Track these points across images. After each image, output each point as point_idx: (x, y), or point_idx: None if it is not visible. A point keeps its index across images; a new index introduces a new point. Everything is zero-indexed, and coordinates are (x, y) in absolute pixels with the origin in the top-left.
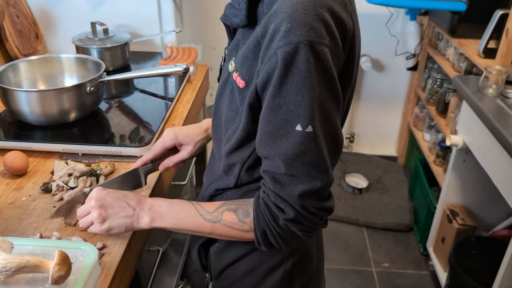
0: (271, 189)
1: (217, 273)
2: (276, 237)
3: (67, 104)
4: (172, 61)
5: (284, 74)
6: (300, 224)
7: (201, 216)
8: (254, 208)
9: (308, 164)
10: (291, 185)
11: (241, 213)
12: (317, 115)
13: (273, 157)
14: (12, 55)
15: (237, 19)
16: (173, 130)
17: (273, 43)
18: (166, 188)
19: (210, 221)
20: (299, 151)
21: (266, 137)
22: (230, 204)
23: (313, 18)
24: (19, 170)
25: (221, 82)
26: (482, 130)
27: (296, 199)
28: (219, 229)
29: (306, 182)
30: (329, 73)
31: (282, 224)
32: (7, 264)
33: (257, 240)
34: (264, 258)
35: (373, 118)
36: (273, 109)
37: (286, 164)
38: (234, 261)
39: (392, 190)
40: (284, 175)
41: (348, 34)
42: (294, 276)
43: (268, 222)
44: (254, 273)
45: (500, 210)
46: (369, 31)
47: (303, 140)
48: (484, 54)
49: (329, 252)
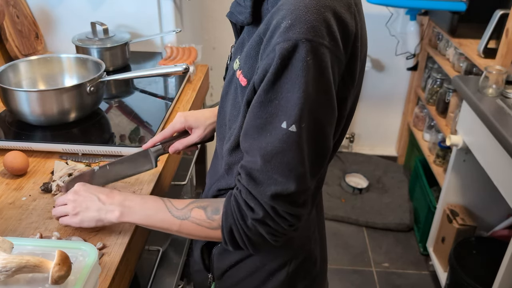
0: (245, 186)
1: (219, 273)
2: (243, 237)
3: (67, 104)
4: (172, 61)
5: (280, 69)
6: (268, 226)
7: (169, 212)
8: (224, 205)
9: (285, 165)
10: (265, 184)
11: (210, 210)
12: (305, 116)
13: (254, 151)
14: (12, 55)
15: (242, 17)
16: (184, 114)
17: (273, 39)
18: (166, 188)
19: (179, 217)
20: (279, 148)
21: (252, 130)
22: (201, 202)
23: (315, 17)
24: (19, 170)
25: (226, 80)
26: (482, 130)
27: (267, 199)
28: (186, 226)
29: (280, 183)
30: (325, 75)
31: (250, 223)
32: (7, 264)
33: (224, 238)
34: (266, 260)
35: (373, 118)
36: (264, 103)
37: (264, 160)
38: (236, 262)
39: (392, 190)
40: (260, 172)
41: (350, 36)
42: (297, 278)
43: (236, 220)
44: (256, 275)
45: (500, 210)
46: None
47: (284, 139)
48: (484, 54)
49: (329, 252)
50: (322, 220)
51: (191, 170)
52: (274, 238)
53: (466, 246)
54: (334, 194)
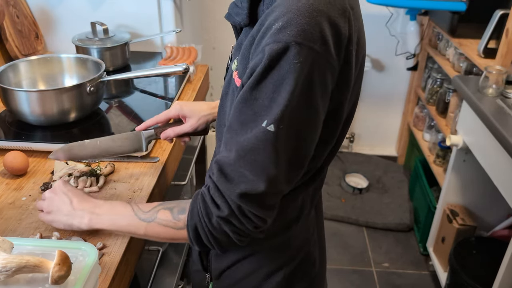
0: (214, 181)
1: (217, 274)
2: (208, 235)
3: (67, 104)
4: (172, 61)
5: (267, 69)
6: (232, 225)
7: (135, 216)
8: (191, 203)
9: (258, 163)
10: (235, 181)
11: (176, 211)
12: (285, 118)
13: (231, 145)
14: (12, 55)
15: (239, 18)
16: (180, 102)
17: (263, 40)
18: (166, 188)
19: (145, 220)
20: (254, 145)
21: (235, 125)
22: (168, 204)
23: (307, 20)
24: (19, 170)
25: (226, 81)
26: (482, 130)
27: (234, 197)
28: (152, 228)
29: (250, 182)
30: (312, 79)
31: (214, 221)
32: (7, 264)
33: (189, 237)
34: (264, 262)
35: (373, 118)
36: (249, 100)
37: (238, 155)
38: (234, 263)
39: (392, 190)
40: (232, 168)
41: (343, 41)
42: (294, 280)
43: (201, 217)
44: (253, 276)
45: (500, 210)
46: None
47: (261, 137)
48: (484, 54)
49: (329, 252)
50: (321, 221)
51: (191, 170)
52: (238, 238)
53: (466, 246)
54: (334, 194)
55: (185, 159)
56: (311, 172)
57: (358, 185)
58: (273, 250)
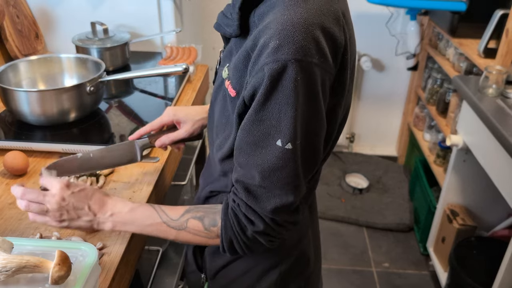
0: (243, 200)
1: (212, 273)
2: (242, 246)
3: (67, 104)
4: (172, 61)
5: (270, 90)
6: (268, 235)
7: (165, 224)
8: (222, 217)
9: (283, 179)
10: (264, 198)
11: (207, 222)
12: (298, 133)
13: (250, 167)
14: (12, 55)
15: (229, 29)
16: (174, 108)
17: (261, 58)
18: (166, 188)
19: (175, 228)
20: (276, 165)
21: (246, 146)
22: (195, 211)
23: (303, 36)
24: (19, 170)
25: (215, 86)
26: (482, 130)
27: (268, 213)
28: (184, 236)
29: (279, 196)
30: (315, 92)
31: (249, 235)
32: (7, 264)
33: (223, 247)
34: (259, 260)
35: (373, 118)
36: (256, 121)
37: (262, 176)
38: (229, 262)
39: (392, 190)
40: (259, 188)
41: (339, 49)
42: (289, 278)
43: (236, 232)
44: (248, 274)
45: (500, 210)
46: (369, 31)
47: (281, 156)
48: (484, 54)
49: (329, 252)
50: (316, 219)
51: (191, 170)
52: (272, 244)
53: (466, 246)
54: (334, 194)
55: (185, 159)
56: None
57: (358, 185)
58: (267, 249)
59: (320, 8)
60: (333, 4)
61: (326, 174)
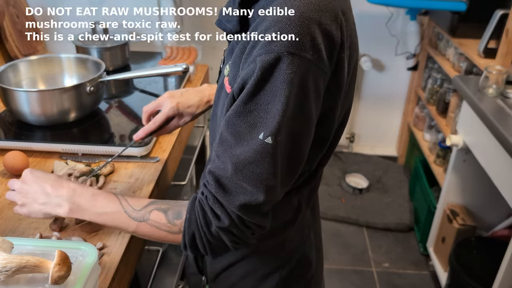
0: (212, 193)
1: (212, 276)
2: (205, 243)
3: (67, 104)
4: (172, 61)
5: (260, 81)
6: (232, 234)
7: (125, 213)
8: (188, 210)
9: (257, 175)
10: (234, 193)
11: (171, 214)
12: (282, 129)
13: (225, 158)
14: (12, 55)
15: (230, 25)
16: (175, 100)
17: (255, 50)
18: (166, 188)
19: (136, 219)
20: (252, 158)
21: (229, 137)
22: (160, 204)
23: (298, 30)
24: (19, 170)
25: (218, 85)
26: (482, 130)
27: (235, 209)
28: (143, 228)
29: (250, 193)
30: (305, 88)
31: (213, 231)
32: (7, 264)
33: (184, 243)
34: (259, 264)
35: (373, 118)
36: (243, 113)
37: (235, 169)
38: (229, 265)
39: (392, 190)
40: (230, 181)
41: (335, 47)
42: (291, 281)
43: (200, 226)
44: (249, 278)
45: (500, 210)
46: (369, 31)
47: (259, 150)
48: (484, 54)
49: (329, 252)
50: (318, 222)
51: (191, 170)
52: (235, 245)
53: (466, 246)
54: (334, 194)
55: (185, 159)
56: (305, 175)
57: (358, 185)
58: (268, 252)
59: (318, 3)
60: (332, 1)
61: (326, 174)
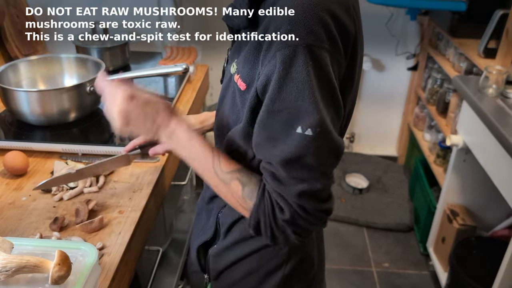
0: (273, 188)
1: (215, 274)
2: (268, 231)
3: (67, 104)
4: (172, 61)
5: (283, 77)
6: (296, 225)
7: (213, 170)
8: (258, 196)
9: (307, 167)
10: (291, 184)
11: (247, 191)
12: (317, 120)
13: (272, 160)
14: (12, 55)
15: (238, 20)
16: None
17: (273, 46)
18: (166, 188)
19: (220, 179)
20: (298, 154)
21: (265, 141)
22: (242, 175)
23: (314, 21)
24: (19, 170)
25: (223, 84)
26: (482, 130)
27: (294, 198)
28: (222, 189)
29: (306, 182)
30: (328, 77)
31: (280, 224)
32: (7, 264)
33: (250, 222)
34: (262, 261)
35: (373, 118)
36: (273, 112)
37: (285, 168)
38: (232, 263)
39: (392, 190)
40: (283, 176)
41: (350, 39)
42: (293, 280)
43: (268, 215)
44: (252, 276)
45: (500, 210)
46: (369, 31)
47: (301, 144)
48: (484, 54)
49: (329, 252)
50: None
51: (191, 170)
52: (299, 238)
53: (466, 246)
54: (334, 194)
55: None
56: None
57: (358, 185)
58: (271, 251)
59: None
60: None
61: None
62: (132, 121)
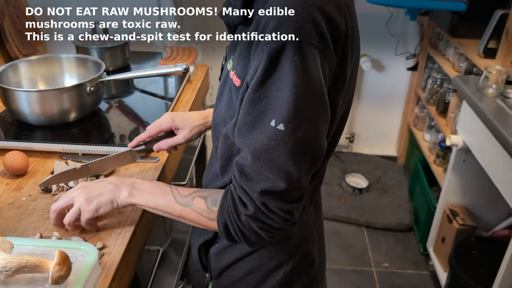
0: (238, 182)
1: (216, 273)
2: (237, 231)
3: (67, 104)
4: (172, 61)
5: (268, 69)
6: (260, 221)
7: (174, 198)
8: (221, 198)
9: (274, 162)
10: (255, 180)
11: (210, 201)
12: (293, 116)
13: (244, 147)
14: (12, 55)
15: (233, 16)
16: (171, 114)
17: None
18: None
19: (181, 204)
20: (267, 146)
21: (243, 127)
22: (203, 191)
23: (302, 16)
24: (19, 170)
25: (221, 81)
26: (482, 130)
27: (257, 195)
28: (187, 213)
29: (270, 180)
30: (314, 74)
31: (243, 219)
32: (7, 264)
33: (220, 230)
34: (263, 260)
35: (373, 118)
36: (254, 101)
37: (253, 157)
38: (233, 262)
39: (392, 190)
40: (251, 169)
41: (340, 36)
42: (294, 278)
43: (231, 214)
44: (253, 275)
45: (500, 210)
46: (369, 31)
47: (272, 137)
48: (484, 54)
49: (329, 252)
50: (321, 220)
51: (191, 170)
52: (268, 234)
53: (466, 246)
54: (334, 194)
55: (185, 159)
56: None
57: (358, 185)
58: (272, 249)
59: None
60: None
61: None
62: (93, 189)
